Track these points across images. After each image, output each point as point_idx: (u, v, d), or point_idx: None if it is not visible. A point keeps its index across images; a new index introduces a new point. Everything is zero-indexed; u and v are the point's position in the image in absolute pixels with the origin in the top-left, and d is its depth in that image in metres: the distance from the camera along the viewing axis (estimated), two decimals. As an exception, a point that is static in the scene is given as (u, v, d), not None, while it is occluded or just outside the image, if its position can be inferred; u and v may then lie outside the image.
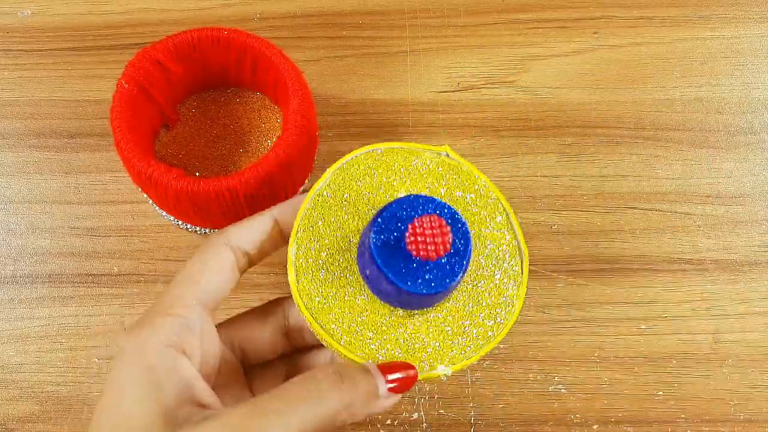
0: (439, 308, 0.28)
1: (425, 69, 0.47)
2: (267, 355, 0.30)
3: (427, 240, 0.24)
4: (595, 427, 0.39)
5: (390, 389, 0.25)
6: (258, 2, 0.48)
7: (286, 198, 0.41)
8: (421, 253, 0.24)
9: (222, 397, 0.26)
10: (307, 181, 0.43)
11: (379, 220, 0.26)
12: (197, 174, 0.43)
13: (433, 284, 0.25)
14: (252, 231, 0.28)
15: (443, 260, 0.25)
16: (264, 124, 0.44)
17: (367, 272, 0.27)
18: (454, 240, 0.26)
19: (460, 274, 0.26)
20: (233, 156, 0.43)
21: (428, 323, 0.28)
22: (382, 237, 0.25)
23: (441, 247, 0.24)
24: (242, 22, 0.48)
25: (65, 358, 0.40)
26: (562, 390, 0.40)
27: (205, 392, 0.25)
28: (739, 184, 0.44)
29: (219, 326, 0.29)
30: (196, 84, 0.43)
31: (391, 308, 0.27)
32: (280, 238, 0.29)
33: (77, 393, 0.39)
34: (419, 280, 0.25)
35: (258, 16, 0.48)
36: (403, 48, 0.48)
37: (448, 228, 0.25)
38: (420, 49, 0.48)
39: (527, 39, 0.48)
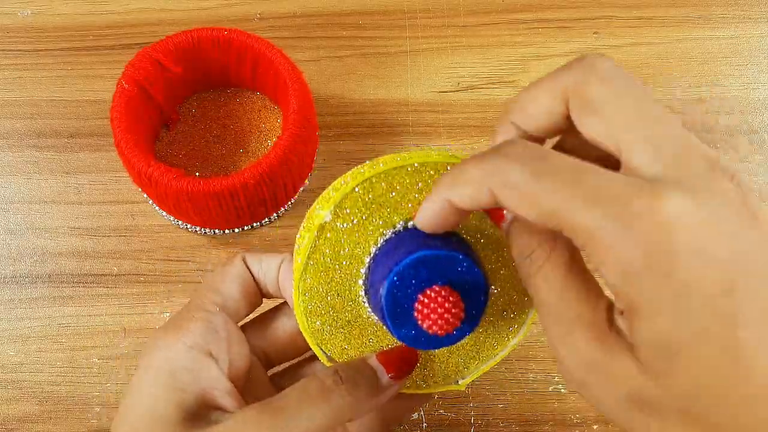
0: None
1: (425, 69, 0.47)
2: (288, 355, 0.30)
3: (437, 315, 0.23)
4: (595, 427, 0.39)
5: (391, 377, 0.26)
6: (258, 2, 0.48)
7: (286, 198, 0.41)
8: (432, 328, 0.23)
9: (249, 401, 0.26)
10: (307, 181, 0.43)
11: (395, 278, 0.23)
12: (197, 174, 0.43)
13: (442, 341, 0.25)
14: (262, 264, 0.28)
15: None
16: (264, 124, 0.44)
17: (377, 317, 0.26)
18: (467, 308, 0.24)
19: (471, 330, 0.24)
20: (233, 156, 0.43)
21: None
22: (394, 296, 0.24)
23: (450, 324, 0.23)
24: (242, 22, 0.48)
25: (65, 358, 0.39)
26: (562, 390, 0.40)
27: (228, 395, 0.26)
28: (739, 184, 0.44)
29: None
30: (196, 84, 0.43)
31: None
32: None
33: (77, 393, 0.39)
34: (428, 340, 0.24)
35: (258, 16, 0.48)
36: (403, 48, 0.48)
37: (460, 303, 0.23)
38: (420, 49, 0.48)
39: (527, 39, 0.48)
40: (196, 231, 0.41)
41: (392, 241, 0.25)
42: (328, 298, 0.26)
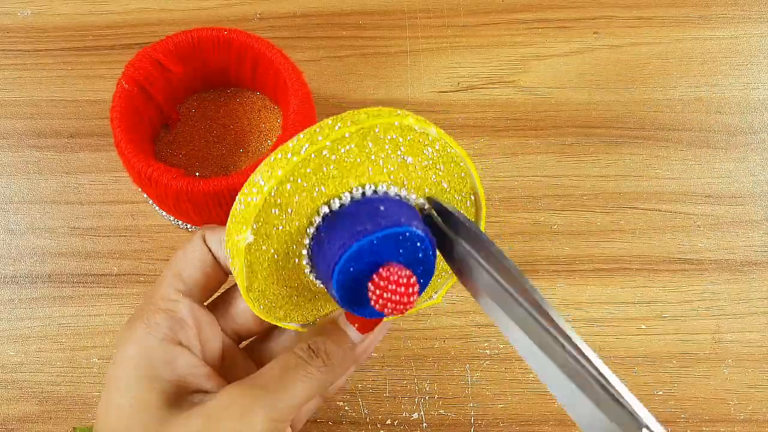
0: None
1: (425, 69, 0.47)
2: (254, 330, 0.30)
3: (392, 296, 0.22)
4: (595, 427, 0.39)
5: (358, 329, 0.27)
6: (258, 2, 0.48)
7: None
8: (386, 311, 0.22)
9: (230, 380, 0.26)
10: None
11: (344, 259, 0.23)
12: (197, 174, 0.43)
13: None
14: (222, 242, 0.28)
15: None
16: (264, 124, 0.44)
17: (325, 284, 0.25)
18: (420, 279, 0.24)
19: (420, 294, 0.24)
20: (233, 156, 0.43)
21: None
22: (346, 275, 0.23)
23: (406, 304, 0.22)
24: (242, 22, 0.48)
25: (65, 358, 0.39)
26: (562, 390, 0.40)
27: (208, 378, 0.26)
28: (739, 184, 0.44)
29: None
30: (196, 84, 0.43)
31: None
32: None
33: (77, 393, 0.39)
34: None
35: (258, 16, 0.48)
36: (403, 48, 0.48)
37: (415, 284, 0.22)
38: (420, 49, 0.48)
39: (527, 39, 0.48)
40: (196, 231, 0.41)
41: (331, 219, 0.24)
42: (275, 270, 0.25)
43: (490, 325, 0.41)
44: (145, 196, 0.41)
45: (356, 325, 0.27)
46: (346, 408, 0.39)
